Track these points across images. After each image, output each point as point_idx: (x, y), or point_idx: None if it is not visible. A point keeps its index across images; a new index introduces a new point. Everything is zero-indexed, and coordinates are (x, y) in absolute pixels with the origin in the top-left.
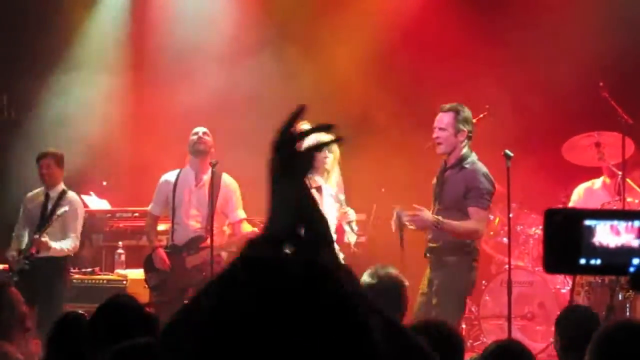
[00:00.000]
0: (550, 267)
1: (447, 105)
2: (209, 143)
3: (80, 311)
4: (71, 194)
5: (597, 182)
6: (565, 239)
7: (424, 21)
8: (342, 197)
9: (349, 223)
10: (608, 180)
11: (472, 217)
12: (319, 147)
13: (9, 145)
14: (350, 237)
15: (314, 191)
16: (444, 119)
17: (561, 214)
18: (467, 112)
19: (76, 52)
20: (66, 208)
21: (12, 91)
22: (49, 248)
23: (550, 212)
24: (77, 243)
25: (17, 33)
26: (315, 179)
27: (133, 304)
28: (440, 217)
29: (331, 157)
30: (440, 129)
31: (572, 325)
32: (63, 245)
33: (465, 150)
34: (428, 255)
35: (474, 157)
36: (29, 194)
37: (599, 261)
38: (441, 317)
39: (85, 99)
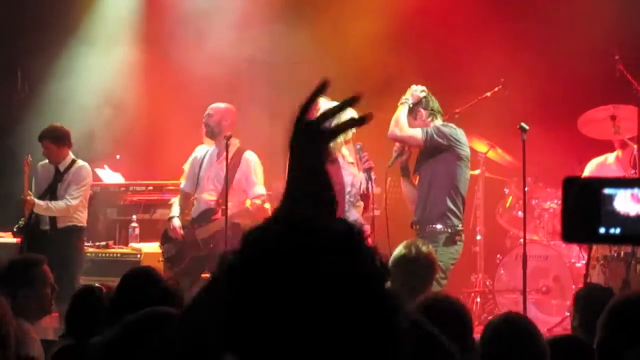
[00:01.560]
0: (569, 236)
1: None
2: (211, 123)
3: (96, 284)
4: (78, 164)
5: (610, 157)
6: (584, 207)
7: None
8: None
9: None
10: (621, 154)
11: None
12: (343, 127)
13: (22, 119)
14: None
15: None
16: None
17: (580, 182)
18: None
19: (89, 26)
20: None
21: (25, 66)
22: (33, 204)
23: (568, 181)
24: (70, 204)
25: (30, 7)
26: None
27: (156, 277)
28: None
29: (359, 145)
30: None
31: (593, 305)
32: (50, 205)
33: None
34: (415, 226)
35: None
36: (40, 164)
37: (618, 230)
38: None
39: (98, 72)
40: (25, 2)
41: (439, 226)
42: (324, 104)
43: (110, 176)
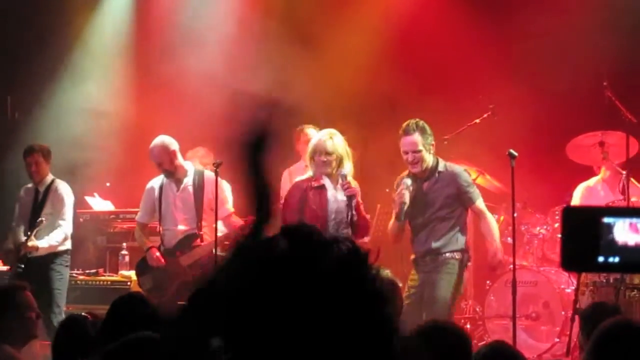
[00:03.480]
0: (568, 265)
1: (409, 127)
2: (155, 160)
3: (83, 313)
4: (57, 183)
5: (593, 180)
6: (583, 236)
7: (428, 22)
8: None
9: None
10: (607, 175)
11: (483, 211)
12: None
13: (12, 145)
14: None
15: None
16: (413, 142)
17: (579, 211)
18: (426, 125)
19: (79, 54)
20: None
21: (15, 92)
22: (37, 249)
23: (568, 210)
24: (68, 230)
25: (21, 35)
26: (322, 179)
27: (145, 303)
28: (497, 252)
29: (332, 158)
30: (414, 151)
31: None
32: (51, 241)
33: (431, 159)
34: (420, 260)
35: (440, 160)
36: (24, 188)
37: (617, 259)
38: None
39: (88, 101)
40: (15, 29)
41: (455, 254)
42: (313, 133)
43: (100, 204)
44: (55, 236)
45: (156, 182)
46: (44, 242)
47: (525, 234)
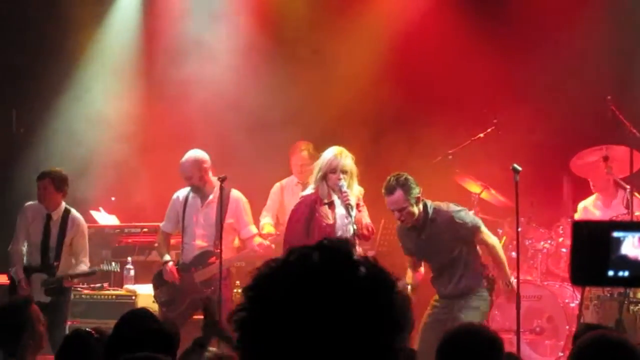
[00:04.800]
0: (578, 279)
1: (390, 185)
2: (185, 174)
3: (87, 328)
4: (74, 214)
5: (589, 201)
6: (593, 251)
7: (432, 37)
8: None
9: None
10: (601, 196)
11: (487, 241)
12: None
13: (17, 159)
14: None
15: (326, 207)
16: (398, 201)
17: (589, 226)
18: (409, 178)
19: (85, 68)
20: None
21: (20, 106)
22: (75, 284)
23: (578, 225)
24: (87, 265)
25: (26, 48)
26: (332, 196)
27: (153, 318)
28: (509, 281)
29: (347, 176)
30: (400, 210)
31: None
32: (81, 273)
33: (420, 207)
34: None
35: (429, 206)
36: (28, 204)
37: (627, 273)
38: None
39: (93, 114)
40: (21, 43)
41: (479, 290)
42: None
43: (105, 218)
44: (82, 268)
45: (182, 192)
46: (78, 276)
47: (529, 248)
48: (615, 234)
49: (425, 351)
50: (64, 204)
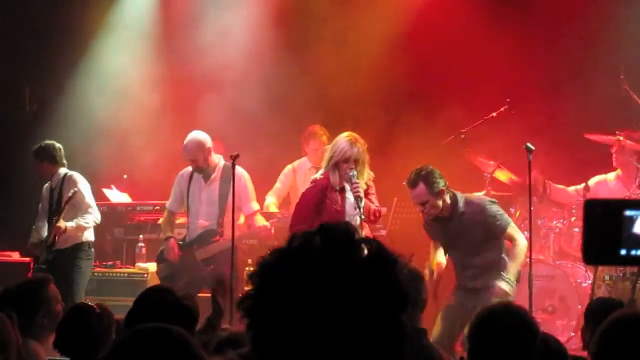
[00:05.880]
0: (591, 258)
1: (411, 179)
2: (190, 157)
3: (89, 302)
4: (70, 175)
5: (611, 176)
6: (605, 229)
7: (445, 15)
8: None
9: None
10: (621, 173)
11: (514, 237)
12: None
13: (31, 138)
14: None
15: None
16: (420, 194)
17: (601, 204)
18: (432, 171)
19: (98, 45)
20: (75, 189)
21: (33, 84)
22: (65, 229)
23: (590, 203)
24: (98, 214)
25: (39, 26)
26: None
27: (173, 294)
28: (508, 277)
29: (360, 165)
30: (423, 203)
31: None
32: (81, 221)
33: (447, 199)
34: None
35: (459, 197)
36: (45, 185)
37: (639, 252)
38: None
39: (106, 93)
40: (32, 21)
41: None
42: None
43: (117, 196)
44: (87, 219)
45: (186, 171)
46: (72, 223)
47: (542, 227)
48: (628, 213)
49: (445, 333)
50: (62, 170)
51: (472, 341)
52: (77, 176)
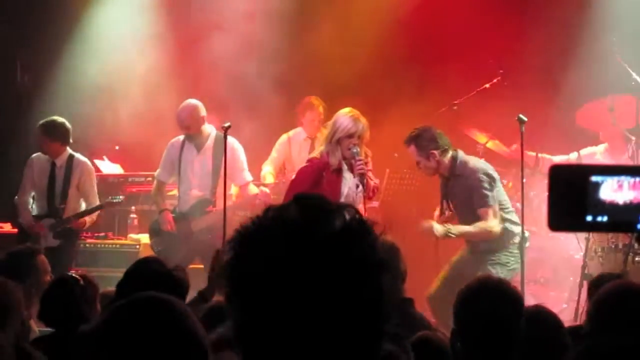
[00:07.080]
0: (555, 224)
1: (406, 140)
2: (183, 123)
3: (74, 274)
4: (78, 158)
5: (600, 148)
6: (571, 195)
7: None
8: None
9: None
10: (608, 146)
11: (482, 218)
12: None
13: (22, 110)
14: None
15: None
16: (412, 154)
17: (567, 170)
18: (422, 132)
19: (92, 18)
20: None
21: (24, 57)
22: (85, 224)
23: (555, 168)
24: (98, 200)
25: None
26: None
27: (164, 266)
28: (449, 227)
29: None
30: (417, 163)
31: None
32: (93, 215)
33: (448, 160)
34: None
35: (460, 158)
36: (34, 156)
37: (605, 218)
38: None
39: (98, 64)
40: None
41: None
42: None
43: (109, 167)
44: (92, 211)
45: (178, 140)
46: (88, 218)
47: (534, 199)
48: (594, 178)
49: (441, 298)
50: (68, 151)
51: (457, 318)
52: (86, 162)
